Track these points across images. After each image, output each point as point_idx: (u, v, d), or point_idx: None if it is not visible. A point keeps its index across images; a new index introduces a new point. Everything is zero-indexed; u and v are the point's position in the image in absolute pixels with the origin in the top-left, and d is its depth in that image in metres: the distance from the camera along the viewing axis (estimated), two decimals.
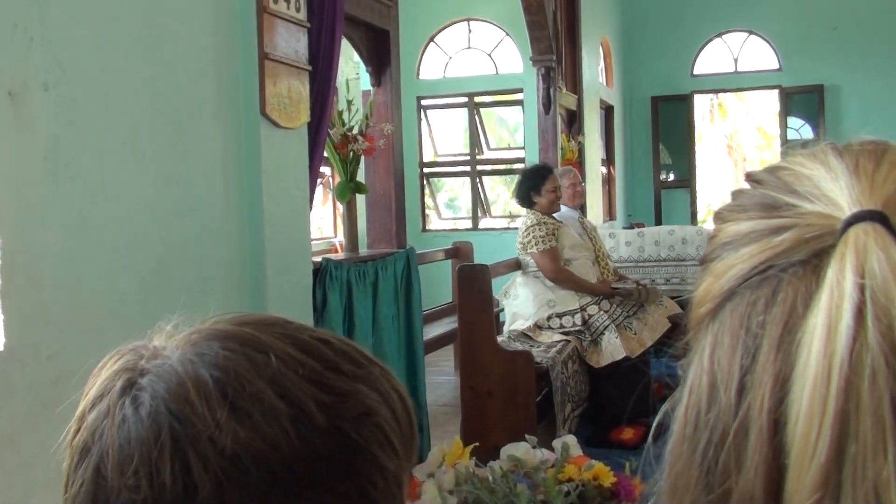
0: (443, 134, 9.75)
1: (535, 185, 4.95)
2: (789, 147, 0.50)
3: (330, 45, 3.38)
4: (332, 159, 4.02)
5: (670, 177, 10.85)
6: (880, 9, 9.59)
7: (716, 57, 10.47)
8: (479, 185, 9.31)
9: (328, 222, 7.57)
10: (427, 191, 9.32)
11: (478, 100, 9.11)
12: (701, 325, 0.47)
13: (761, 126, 16.66)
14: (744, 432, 0.42)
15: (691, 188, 10.62)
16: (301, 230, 3.21)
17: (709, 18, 10.22)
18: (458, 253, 5.90)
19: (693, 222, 10.14)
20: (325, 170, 5.44)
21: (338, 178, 4.15)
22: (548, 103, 7.17)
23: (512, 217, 9.32)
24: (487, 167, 9.38)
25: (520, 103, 8.90)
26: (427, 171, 9.25)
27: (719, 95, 14.61)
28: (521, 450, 2.71)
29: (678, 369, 0.49)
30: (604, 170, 9.49)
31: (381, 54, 4.36)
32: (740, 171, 16.67)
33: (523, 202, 5.03)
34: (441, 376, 6.15)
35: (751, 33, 10.23)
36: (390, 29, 4.32)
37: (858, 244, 0.40)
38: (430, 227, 9.23)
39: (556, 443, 2.79)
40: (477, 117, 9.19)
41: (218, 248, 2.82)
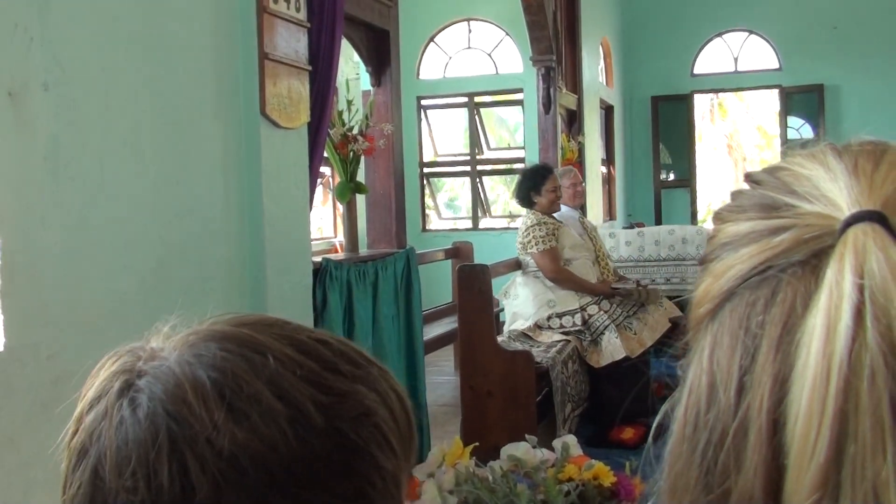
0: (443, 134, 9.74)
1: (535, 184, 4.94)
2: (789, 147, 0.50)
3: (330, 45, 3.38)
4: (332, 159, 4.02)
5: (670, 176, 10.85)
6: (880, 8, 9.59)
7: (716, 56, 10.47)
8: (479, 185, 9.31)
9: (328, 222, 7.57)
10: (427, 191, 9.32)
11: (478, 100, 9.11)
12: (700, 325, 0.47)
13: (761, 126, 16.66)
14: (743, 432, 0.42)
15: (691, 188, 10.62)
16: (301, 230, 3.21)
17: (709, 18, 10.23)
18: (458, 253, 5.90)
19: (693, 222, 10.14)
20: (325, 170, 5.44)
21: (338, 178, 4.15)
22: (548, 103, 7.17)
23: (512, 217, 9.32)
24: (487, 167, 9.38)
25: (520, 103, 8.90)
26: (427, 171, 9.24)
27: (719, 95, 14.60)
28: (521, 450, 2.70)
29: (678, 369, 0.49)
30: (604, 169, 9.49)
31: (381, 54, 4.36)
32: (740, 170, 16.66)
33: (523, 202, 5.03)
34: (441, 376, 6.15)
35: (751, 33, 10.23)
36: (390, 29, 4.32)
37: (857, 244, 0.40)
38: (430, 227, 9.23)
39: (557, 443, 2.79)
40: (477, 117, 9.19)
41: (218, 248, 2.82)
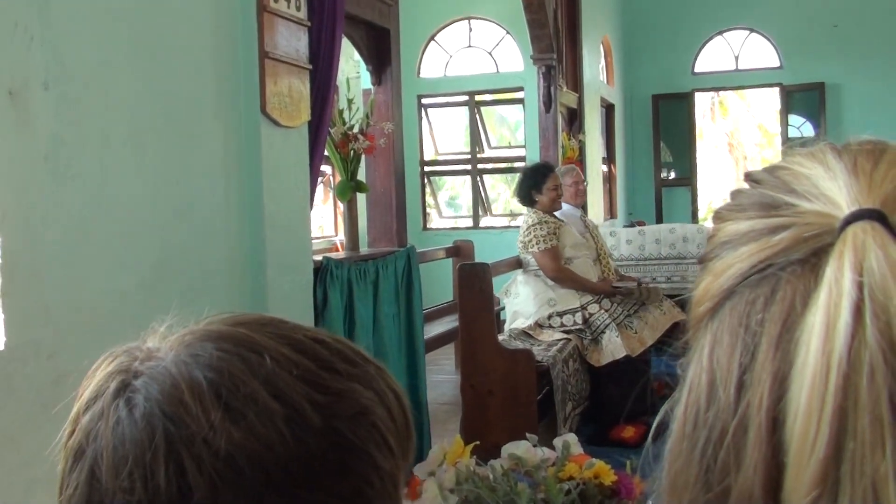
0: (443, 132, 9.74)
1: (536, 183, 4.94)
2: (788, 147, 0.50)
3: (330, 43, 3.38)
4: (333, 158, 4.02)
5: (671, 175, 10.85)
6: (881, 7, 9.59)
7: (716, 55, 10.47)
8: (480, 183, 9.31)
9: (329, 221, 7.57)
10: (428, 189, 9.32)
11: (478, 98, 9.11)
12: (700, 323, 0.47)
13: (762, 124, 16.66)
14: (743, 430, 0.42)
15: (692, 186, 10.62)
16: (301, 229, 3.21)
17: (709, 17, 10.22)
18: (459, 251, 5.90)
19: (694, 220, 10.14)
20: (325, 168, 5.44)
21: (338, 176, 4.15)
22: (548, 102, 7.17)
23: (513, 216, 9.32)
24: (488, 165, 9.38)
25: (520, 102, 8.89)
26: (428, 169, 9.24)
27: (720, 93, 14.62)
28: (521, 448, 2.70)
29: (678, 368, 0.49)
30: (604, 168, 9.49)
31: (381, 53, 4.36)
32: (741, 169, 16.67)
33: (524, 200, 5.03)
34: (442, 375, 6.15)
35: (751, 31, 10.23)
36: (391, 27, 4.32)
37: (857, 242, 0.40)
38: (430, 225, 9.23)
39: (557, 441, 2.79)
40: (478, 116, 9.19)
41: (218, 247, 2.82)
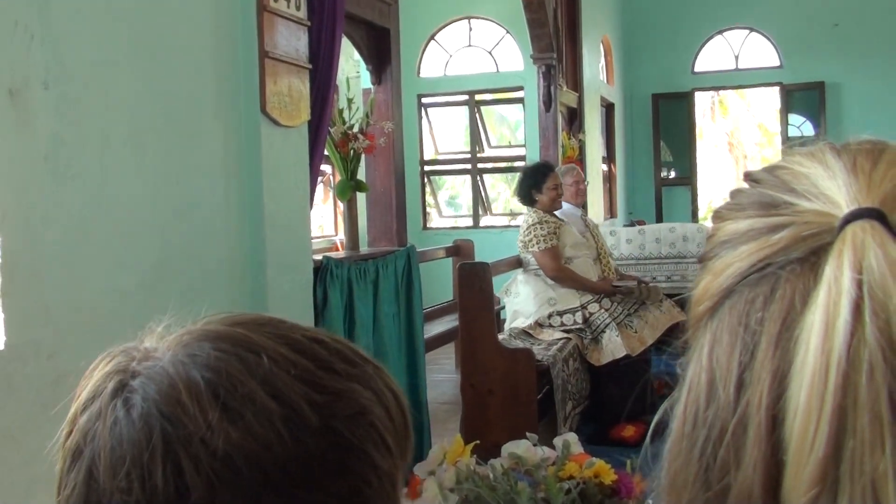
0: (443, 132, 9.74)
1: (537, 182, 4.94)
2: (788, 147, 0.50)
3: (330, 43, 3.38)
4: (333, 157, 4.02)
5: (671, 174, 10.85)
6: (881, 6, 9.59)
7: (716, 54, 10.46)
8: (480, 182, 9.31)
9: (329, 220, 7.57)
10: (428, 189, 9.32)
11: (478, 98, 9.11)
12: (699, 323, 0.47)
13: (762, 123, 16.67)
14: (742, 428, 0.42)
15: (692, 185, 10.62)
16: (301, 228, 3.21)
17: (709, 16, 10.22)
18: (459, 251, 5.90)
19: (694, 220, 10.14)
20: (325, 168, 5.44)
21: (338, 176, 4.15)
22: (548, 101, 7.17)
23: (513, 215, 9.31)
24: (488, 165, 9.38)
25: (520, 101, 8.89)
26: (428, 169, 9.24)
27: (720, 93, 14.62)
28: (521, 447, 2.70)
29: (677, 368, 0.49)
30: (604, 167, 9.49)
31: (381, 52, 4.36)
32: (741, 168, 16.67)
33: (524, 200, 5.03)
34: (442, 374, 6.15)
35: (751, 30, 10.23)
36: (391, 27, 4.32)
37: (856, 241, 0.41)
38: (430, 225, 9.23)
39: (557, 440, 2.79)
40: (477, 115, 9.19)
41: (218, 246, 2.82)
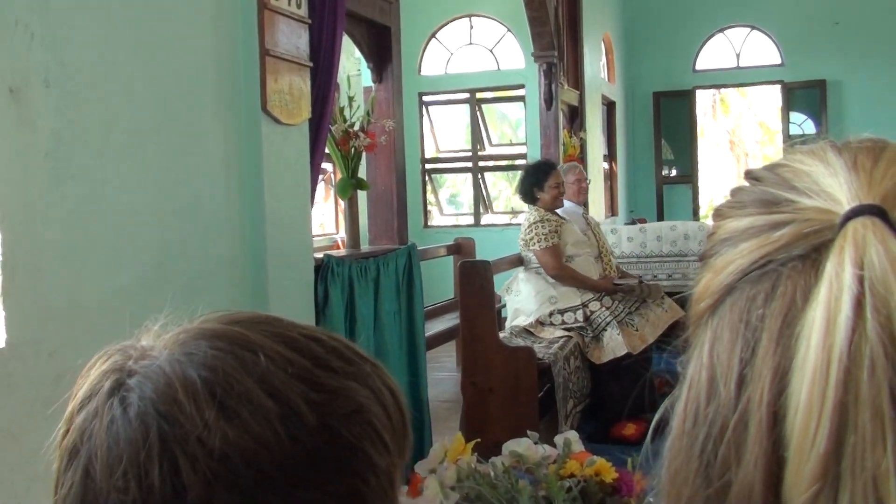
0: (444, 130, 9.74)
1: (538, 180, 4.95)
2: (789, 145, 0.50)
3: (331, 41, 3.37)
4: (334, 156, 4.02)
5: (672, 172, 10.84)
6: (881, 4, 9.57)
7: (718, 52, 10.46)
8: (481, 181, 9.31)
9: (330, 219, 7.58)
10: (429, 187, 9.32)
11: (479, 96, 9.11)
12: (700, 320, 0.47)
13: (763, 121, 16.68)
14: (743, 425, 0.42)
15: (693, 184, 10.61)
16: (302, 227, 3.21)
17: (711, 14, 10.21)
18: (460, 249, 5.90)
19: (695, 218, 10.14)
20: (326, 166, 5.44)
21: (339, 174, 4.15)
22: (549, 99, 7.17)
23: (514, 213, 9.32)
24: (489, 163, 9.38)
25: (521, 99, 8.89)
26: (429, 167, 9.24)
27: (721, 91, 14.61)
28: (522, 446, 2.70)
29: (678, 366, 0.49)
30: (606, 165, 9.49)
31: (382, 50, 4.35)
32: (742, 166, 16.67)
33: (526, 198, 5.03)
34: (443, 372, 6.15)
35: (753, 28, 10.22)
36: (391, 25, 4.31)
37: (857, 237, 0.41)
38: (431, 223, 9.23)
39: (558, 439, 2.79)
40: (479, 113, 9.19)
41: (219, 244, 2.82)
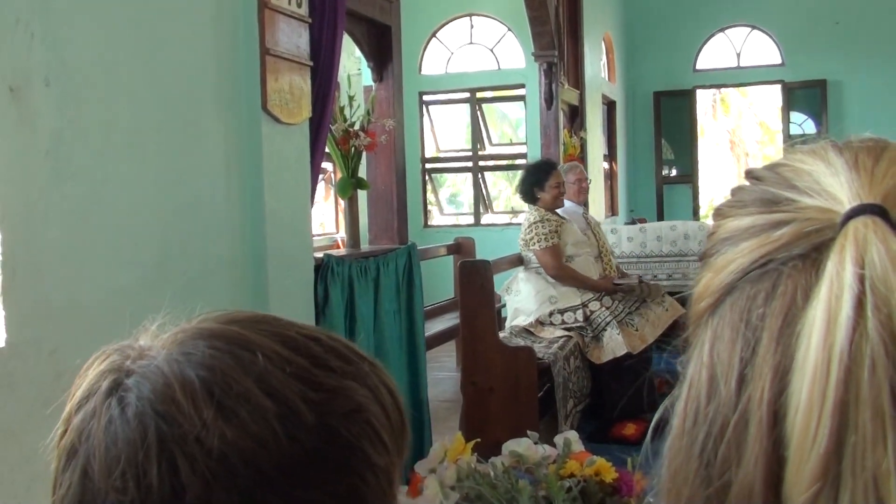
0: (445, 129, 9.74)
1: (539, 180, 4.95)
2: (790, 144, 0.50)
3: (331, 40, 3.37)
4: (334, 155, 4.02)
5: (672, 172, 10.84)
6: (882, 4, 9.57)
7: (718, 52, 10.46)
8: (481, 180, 9.31)
9: (330, 218, 7.58)
10: (429, 186, 9.32)
11: (480, 95, 9.10)
12: (700, 320, 0.47)
13: (764, 121, 16.67)
14: (743, 424, 0.42)
15: (693, 183, 10.61)
16: (302, 226, 3.21)
17: (711, 13, 10.21)
18: (460, 249, 5.90)
19: (695, 218, 10.14)
20: (326, 166, 5.44)
21: (339, 173, 4.14)
22: (550, 99, 7.17)
23: (514, 213, 9.31)
24: (489, 163, 9.38)
25: (522, 99, 8.89)
26: (429, 166, 9.24)
27: (722, 90, 14.60)
28: (522, 445, 2.70)
29: (678, 365, 0.49)
30: (606, 165, 9.49)
31: (382, 50, 4.35)
32: (742, 166, 16.67)
33: (526, 197, 5.03)
34: (443, 372, 6.15)
35: (753, 28, 10.22)
36: (392, 24, 4.31)
37: (858, 236, 0.41)
38: (431, 222, 9.23)
39: (558, 438, 2.79)
40: (479, 113, 9.19)
41: (219, 244, 2.82)
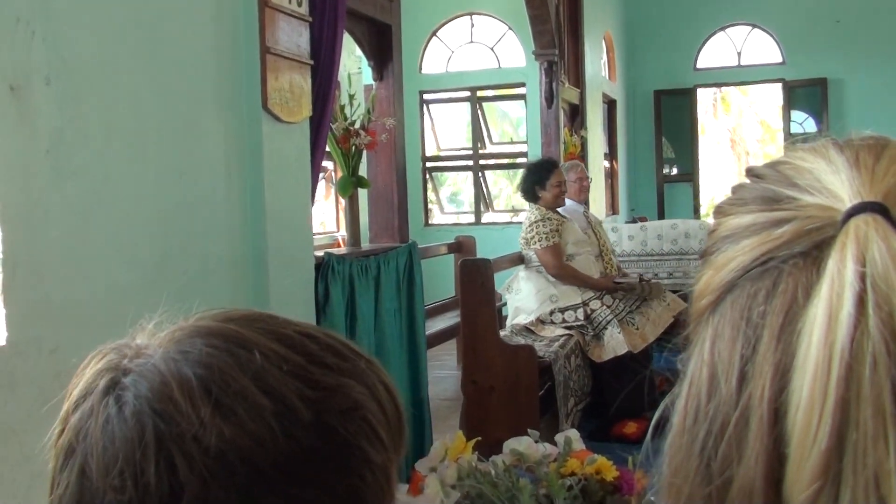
0: (445, 128, 9.74)
1: (540, 179, 4.94)
2: (790, 143, 0.50)
3: (332, 39, 3.37)
4: (335, 154, 4.02)
5: (673, 171, 10.84)
6: (883, 2, 9.56)
7: (719, 51, 10.45)
8: (482, 179, 9.30)
9: (330, 217, 7.58)
10: (429, 185, 9.32)
11: (480, 94, 9.10)
12: (701, 317, 0.47)
13: (764, 120, 16.66)
14: (744, 422, 0.42)
15: (694, 182, 10.61)
16: (303, 225, 3.21)
17: (712, 12, 10.20)
18: (461, 247, 5.90)
19: (696, 216, 10.13)
20: (327, 164, 5.44)
21: (340, 172, 4.15)
22: (550, 97, 7.17)
23: (514, 211, 9.31)
24: (490, 161, 9.38)
25: (522, 97, 8.88)
26: (429, 165, 9.23)
27: (722, 89, 14.59)
28: (523, 444, 2.70)
29: (678, 363, 0.49)
30: (606, 164, 9.48)
31: (383, 48, 4.35)
32: (743, 165, 16.66)
33: (527, 196, 5.03)
34: (443, 371, 6.15)
35: (754, 27, 10.21)
36: (392, 23, 4.31)
37: (859, 234, 0.40)
38: (432, 221, 9.23)
39: (559, 437, 2.79)
40: (479, 111, 9.18)
41: (220, 242, 2.82)
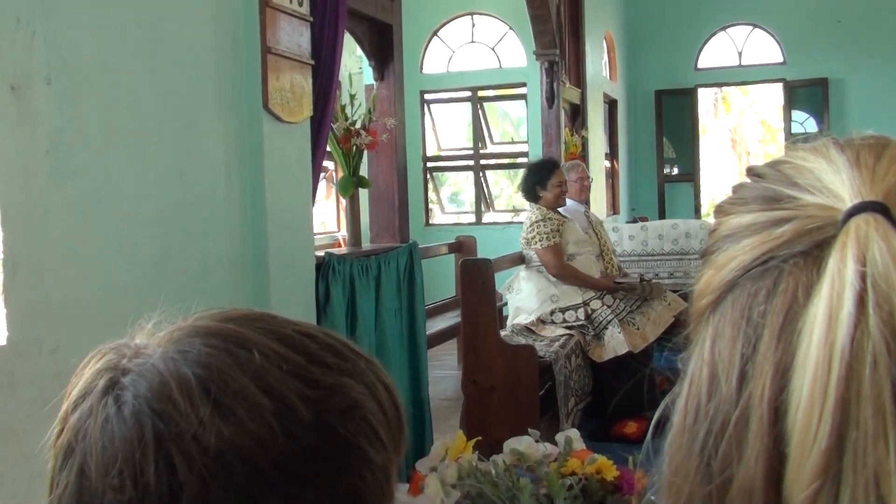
0: (446, 128, 9.74)
1: (541, 179, 4.94)
2: (791, 143, 0.50)
3: (333, 39, 3.37)
4: (335, 154, 4.02)
5: (674, 171, 10.84)
6: (884, 2, 9.56)
7: (720, 50, 10.45)
8: (483, 179, 9.31)
9: (331, 217, 7.58)
10: (430, 185, 9.32)
11: (481, 94, 9.10)
12: (702, 317, 0.47)
13: (765, 120, 16.66)
14: (744, 421, 0.42)
15: (695, 182, 10.61)
16: (304, 225, 3.21)
17: (713, 12, 10.20)
18: (462, 247, 5.90)
19: (697, 216, 10.13)
20: (328, 164, 5.44)
21: (341, 172, 4.14)
22: (551, 97, 7.17)
23: (515, 211, 9.31)
24: (491, 161, 9.38)
25: (523, 97, 8.88)
26: (430, 165, 9.23)
27: (723, 89, 14.59)
28: (523, 444, 2.70)
29: (678, 363, 0.49)
30: (607, 164, 9.48)
31: (384, 48, 4.35)
32: (744, 164, 16.65)
33: (528, 196, 5.02)
34: (444, 370, 6.15)
35: (755, 27, 10.21)
36: (393, 23, 4.31)
37: (860, 234, 0.40)
38: (433, 221, 9.23)
39: (559, 437, 2.79)
40: (480, 111, 9.18)
41: (221, 242, 2.82)
